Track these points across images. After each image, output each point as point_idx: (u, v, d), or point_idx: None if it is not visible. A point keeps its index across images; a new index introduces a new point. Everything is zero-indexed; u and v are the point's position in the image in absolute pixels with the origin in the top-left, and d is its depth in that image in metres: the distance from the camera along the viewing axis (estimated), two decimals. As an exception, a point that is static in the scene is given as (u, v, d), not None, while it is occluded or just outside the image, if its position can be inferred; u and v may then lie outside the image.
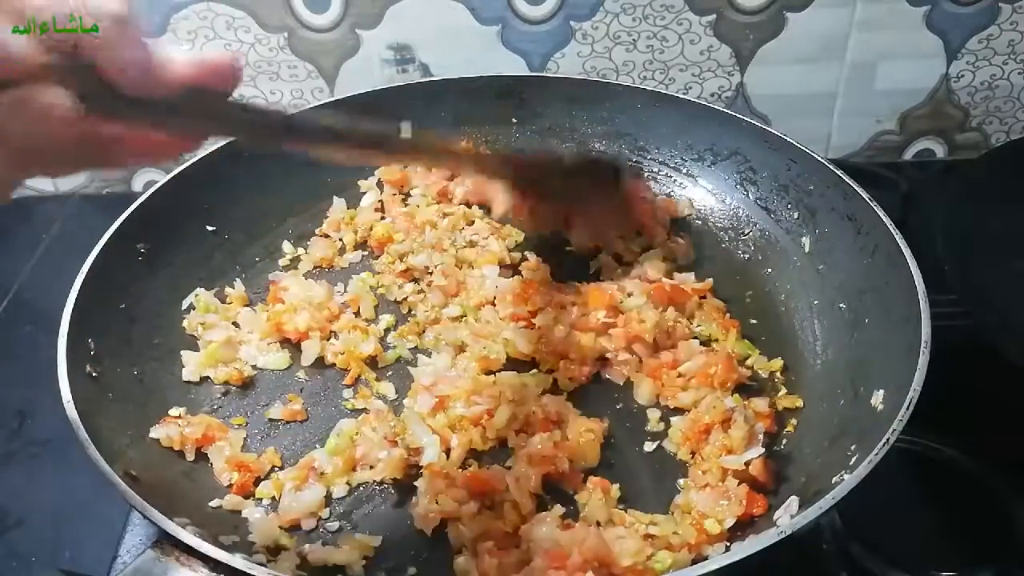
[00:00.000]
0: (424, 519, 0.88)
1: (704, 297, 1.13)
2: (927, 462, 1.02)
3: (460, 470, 0.91)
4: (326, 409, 1.02)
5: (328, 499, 0.91)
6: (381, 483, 0.93)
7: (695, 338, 1.07)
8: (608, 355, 1.05)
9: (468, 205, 1.29)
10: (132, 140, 0.65)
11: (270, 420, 1.01)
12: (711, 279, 1.15)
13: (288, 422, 1.00)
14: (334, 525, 0.89)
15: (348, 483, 0.93)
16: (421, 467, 0.92)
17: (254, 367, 1.07)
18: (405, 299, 1.15)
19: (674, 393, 1.00)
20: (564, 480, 0.92)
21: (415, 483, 0.91)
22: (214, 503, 0.90)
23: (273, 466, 0.95)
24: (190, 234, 1.16)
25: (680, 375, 1.01)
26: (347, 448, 0.94)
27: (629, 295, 1.09)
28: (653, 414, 1.00)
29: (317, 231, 1.26)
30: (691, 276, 1.15)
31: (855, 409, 0.93)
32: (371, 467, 0.93)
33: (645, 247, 1.20)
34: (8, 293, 1.37)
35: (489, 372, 1.03)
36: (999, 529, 0.96)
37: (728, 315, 1.11)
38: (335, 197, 1.28)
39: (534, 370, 1.04)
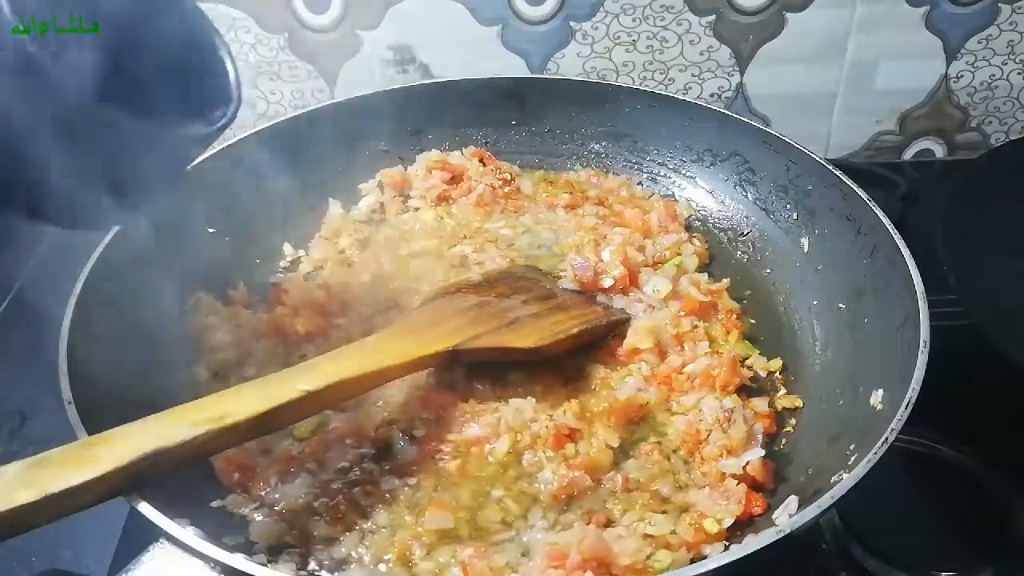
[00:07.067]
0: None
1: None
2: (927, 462, 1.02)
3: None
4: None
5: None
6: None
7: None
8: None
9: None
10: None
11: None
12: (727, 279, 1.15)
13: (288, 422, 1.00)
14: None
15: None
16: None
17: (255, 369, 1.06)
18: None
19: (678, 397, 1.00)
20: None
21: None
22: (214, 503, 0.90)
23: (273, 466, 0.95)
24: (190, 234, 1.16)
25: (687, 376, 1.00)
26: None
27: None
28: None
29: (318, 233, 1.26)
30: (704, 276, 1.15)
31: (854, 409, 0.93)
32: None
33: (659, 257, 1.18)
34: (8, 293, 1.37)
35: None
36: (999, 529, 0.96)
37: (733, 317, 1.11)
38: (331, 200, 1.28)
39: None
